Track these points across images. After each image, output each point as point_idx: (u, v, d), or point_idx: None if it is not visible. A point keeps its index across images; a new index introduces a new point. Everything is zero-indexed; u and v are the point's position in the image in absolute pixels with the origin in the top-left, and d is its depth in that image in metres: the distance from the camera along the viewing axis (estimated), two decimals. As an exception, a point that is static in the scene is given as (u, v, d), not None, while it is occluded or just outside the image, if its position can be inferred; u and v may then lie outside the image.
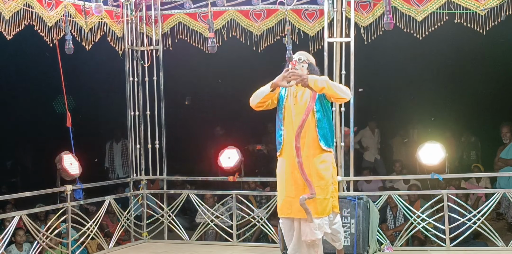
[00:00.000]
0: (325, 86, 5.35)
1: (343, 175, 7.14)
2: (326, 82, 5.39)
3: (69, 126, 7.19)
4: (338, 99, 5.56)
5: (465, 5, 6.76)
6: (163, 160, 8.12)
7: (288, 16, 7.17)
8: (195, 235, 8.01)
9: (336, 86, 5.50)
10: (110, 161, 12.22)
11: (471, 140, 11.46)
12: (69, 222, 7.16)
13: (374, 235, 6.97)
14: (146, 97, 8.14)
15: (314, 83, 5.36)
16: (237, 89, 12.33)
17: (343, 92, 5.47)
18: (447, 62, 11.26)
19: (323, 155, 5.59)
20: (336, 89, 5.41)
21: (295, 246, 5.64)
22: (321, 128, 5.57)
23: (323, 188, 5.53)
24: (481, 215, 7.02)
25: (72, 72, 7.82)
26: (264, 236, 8.51)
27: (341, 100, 5.69)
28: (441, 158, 7.10)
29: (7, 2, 6.40)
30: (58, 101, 13.95)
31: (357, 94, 7.21)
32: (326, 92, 5.41)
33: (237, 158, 7.72)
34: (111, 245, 7.78)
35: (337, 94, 5.42)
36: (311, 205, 5.44)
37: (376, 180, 10.10)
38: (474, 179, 10.03)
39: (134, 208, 8.05)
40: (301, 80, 5.37)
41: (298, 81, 5.37)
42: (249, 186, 9.31)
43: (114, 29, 7.81)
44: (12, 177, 13.21)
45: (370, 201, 6.96)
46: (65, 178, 7.13)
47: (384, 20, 6.11)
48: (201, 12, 7.83)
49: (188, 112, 13.08)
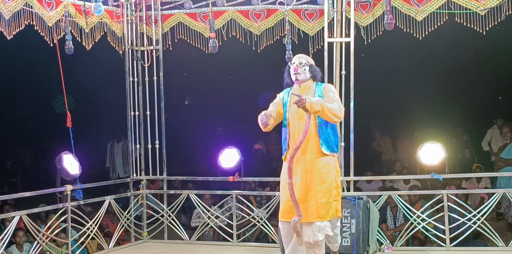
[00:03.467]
0: (320, 109, 5.37)
1: (343, 175, 7.14)
2: (322, 106, 5.39)
3: (69, 126, 7.19)
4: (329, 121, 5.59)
5: (465, 5, 6.75)
6: (163, 160, 8.12)
7: (288, 16, 7.18)
8: (195, 235, 8.01)
9: (331, 109, 5.46)
10: (111, 161, 12.22)
11: (463, 138, 11.48)
12: (69, 222, 7.16)
13: (374, 235, 6.97)
14: (146, 97, 8.14)
15: (311, 106, 5.35)
16: (237, 89, 12.39)
17: (336, 116, 5.50)
18: (447, 62, 11.27)
19: (325, 159, 5.59)
20: (329, 113, 5.43)
21: (293, 247, 5.64)
22: (322, 133, 5.59)
23: (325, 192, 5.53)
24: (481, 215, 7.02)
25: (72, 72, 7.82)
26: (264, 236, 8.50)
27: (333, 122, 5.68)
28: (441, 158, 7.10)
29: (7, 2, 6.40)
30: (58, 101, 13.96)
31: (357, 94, 7.20)
32: (320, 116, 5.47)
33: (237, 158, 7.73)
34: (111, 245, 7.78)
35: (330, 118, 5.49)
36: (314, 208, 5.46)
37: (376, 180, 10.10)
38: (474, 179, 10.03)
39: (134, 208, 8.05)
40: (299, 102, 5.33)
41: (296, 102, 5.34)
42: (249, 186, 9.32)
43: (114, 29, 7.81)
44: (12, 177, 13.21)
45: (370, 201, 6.96)
46: (65, 178, 7.14)
47: (384, 20, 6.14)
48: (201, 12, 7.83)
49: (188, 112, 13.09)
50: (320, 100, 5.47)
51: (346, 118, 7.13)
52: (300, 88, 5.73)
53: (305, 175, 5.56)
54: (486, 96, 11.90)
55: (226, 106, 12.80)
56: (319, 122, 5.58)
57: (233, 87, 12.34)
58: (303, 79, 5.71)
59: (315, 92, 5.68)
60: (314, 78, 5.77)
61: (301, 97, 5.33)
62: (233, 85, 12.24)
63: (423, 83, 11.69)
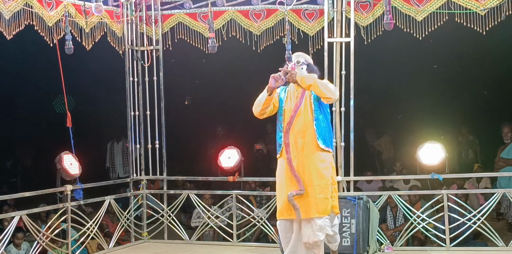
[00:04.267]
0: (312, 83, 5.41)
1: (343, 175, 7.14)
2: (314, 80, 5.44)
3: (69, 126, 7.19)
4: (325, 98, 5.53)
5: (465, 5, 6.75)
6: (163, 160, 8.12)
7: (287, 16, 7.17)
8: (195, 235, 8.01)
9: (324, 84, 5.51)
10: (111, 161, 12.23)
11: (469, 139, 11.47)
12: (69, 222, 7.15)
13: (374, 235, 6.96)
14: (146, 97, 8.14)
15: (302, 79, 5.42)
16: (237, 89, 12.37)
17: (330, 91, 5.49)
18: (447, 62, 11.26)
19: (322, 154, 5.62)
20: (322, 87, 5.44)
21: (293, 248, 5.64)
22: (319, 127, 5.62)
23: (323, 187, 5.56)
24: (481, 215, 7.02)
25: (72, 72, 7.82)
26: (264, 236, 8.51)
27: (328, 100, 5.58)
28: (441, 158, 7.10)
29: (7, 2, 6.40)
30: (58, 101, 13.95)
31: (357, 94, 7.20)
32: (313, 90, 5.48)
33: (237, 158, 7.73)
34: (111, 245, 7.78)
35: (324, 93, 5.46)
36: (313, 203, 5.47)
37: (376, 180, 10.10)
38: (475, 180, 10.01)
39: (134, 208, 8.05)
40: (289, 75, 5.44)
41: (287, 76, 5.44)
42: (250, 186, 9.32)
43: (114, 29, 7.80)
44: (12, 177, 13.22)
45: (370, 201, 6.96)
46: (65, 178, 7.13)
47: (384, 20, 6.13)
48: (201, 12, 7.83)
49: (188, 112, 13.08)
50: (313, 74, 5.53)
51: (346, 118, 7.13)
52: (296, 86, 5.74)
53: (303, 171, 5.57)
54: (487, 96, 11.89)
55: (226, 106, 12.80)
56: (315, 116, 5.60)
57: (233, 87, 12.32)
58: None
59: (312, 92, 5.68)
60: None
61: (290, 72, 5.42)
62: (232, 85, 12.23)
63: (423, 83, 11.68)
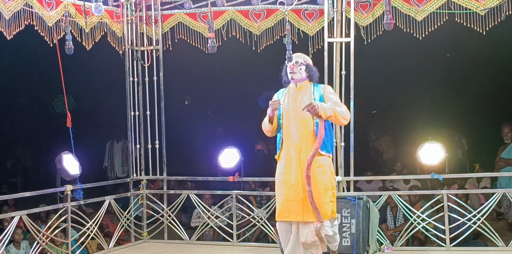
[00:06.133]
0: (332, 114, 5.51)
1: (343, 175, 7.14)
2: (333, 111, 5.53)
3: (69, 126, 7.19)
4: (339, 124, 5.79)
5: (465, 5, 6.75)
6: (163, 160, 8.12)
7: (287, 16, 7.15)
8: (195, 235, 8.01)
9: (341, 114, 5.60)
10: (109, 160, 12.20)
11: (468, 139, 11.48)
12: (69, 222, 7.16)
13: (374, 235, 6.96)
14: (146, 97, 8.14)
15: (324, 112, 5.46)
16: (237, 89, 12.38)
17: (346, 119, 5.68)
18: (447, 62, 11.26)
19: (320, 159, 5.59)
20: (340, 117, 5.59)
21: (292, 249, 5.64)
22: (319, 132, 5.59)
23: (321, 192, 5.54)
24: (481, 215, 7.02)
25: (72, 72, 7.82)
26: (264, 236, 8.51)
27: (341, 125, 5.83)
28: (441, 158, 7.10)
29: (7, 2, 6.40)
30: (58, 101, 13.95)
31: (357, 94, 7.20)
32: (331, 120, 5.61)
33: (237, 158, 7.73)
34: (111, 245, 7.78)
35: (340, 122, 5.68)
36: (310, 208, 5.46)
37: (376, 180, 10.10)
38: (475, 180, 10.01)
39: (134, 208, 8.05)
40: (312, 110, 5.41)
41: (308, 109, 5.42)
42: (249, 186, 9.32)
43: (114, 29, 7.80)
44: (12, 177, 13.21)
45: (370, 201, 6.96)
46: (65, 178, 7.14)
47: (384, 20, 6.12)
48: (201, 12, 7.83)
49: (188, 112, 13.08)
50: (330, 105, 5.58)
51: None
52: (296, 87, 5.76)
53: (300, 175, 5.55)
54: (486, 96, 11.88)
55: (226, 106, 12.79)
56: (317, 122, 5.59)
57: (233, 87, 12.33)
58: (298, 78, 5.75)
59: (313, 93, 5.69)
60: (310, 78, 5.79)
61: (312, 104, 5.40)
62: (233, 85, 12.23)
63: (423, 83, 11.68)
